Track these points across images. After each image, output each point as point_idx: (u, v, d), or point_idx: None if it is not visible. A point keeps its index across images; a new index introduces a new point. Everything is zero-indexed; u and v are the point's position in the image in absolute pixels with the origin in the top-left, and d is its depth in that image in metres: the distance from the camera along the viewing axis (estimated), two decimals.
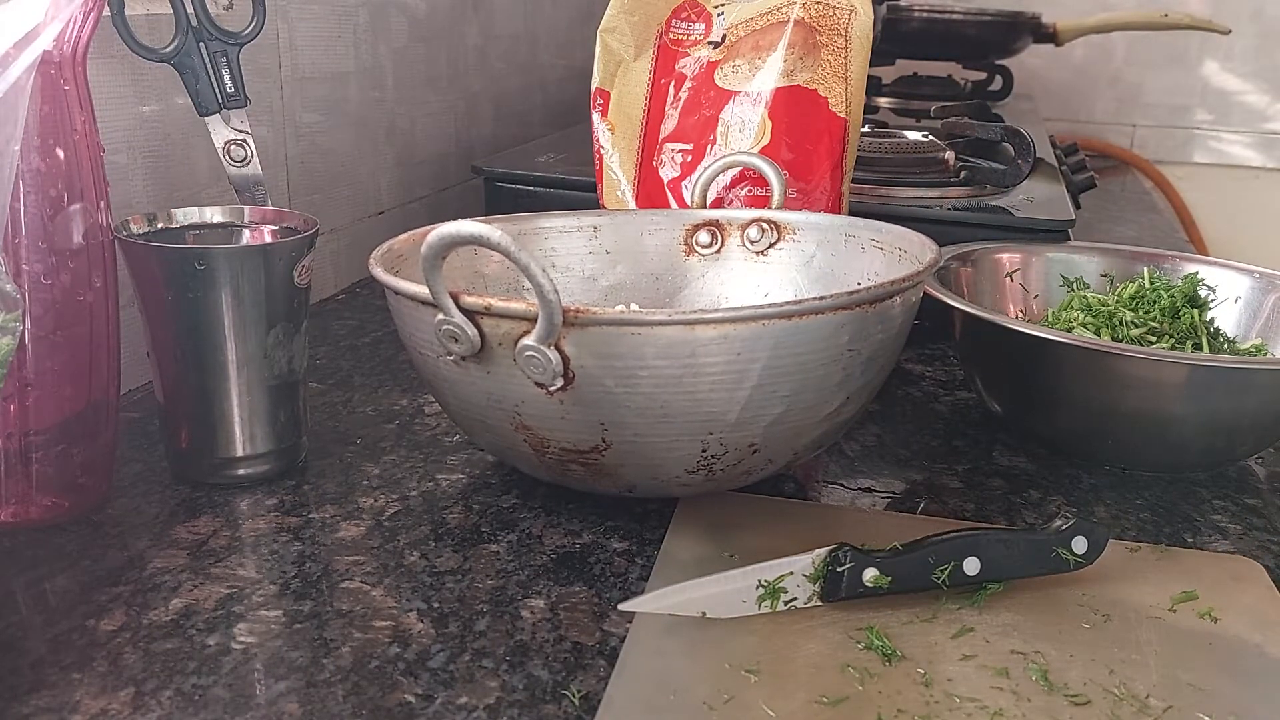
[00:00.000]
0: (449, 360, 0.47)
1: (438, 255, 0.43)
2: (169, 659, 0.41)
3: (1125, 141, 1.71)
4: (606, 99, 0.74)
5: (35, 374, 0.47)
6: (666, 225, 0.66)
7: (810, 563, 0.44)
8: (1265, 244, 1.64)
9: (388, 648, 0.42)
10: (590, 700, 0.39)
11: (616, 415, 0.46)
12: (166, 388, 0.53)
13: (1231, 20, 1.50)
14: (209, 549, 0.49)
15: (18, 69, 0.42)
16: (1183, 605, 0.45)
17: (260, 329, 0.52)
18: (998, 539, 0.45)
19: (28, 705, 0.38)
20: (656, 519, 0.52)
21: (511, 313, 0.44)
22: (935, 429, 0.65)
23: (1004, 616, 0.44)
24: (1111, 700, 0.39)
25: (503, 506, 0.53)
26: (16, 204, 0.45)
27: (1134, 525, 0.53)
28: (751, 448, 0.48)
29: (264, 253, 0.52)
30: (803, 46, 0.68)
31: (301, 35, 0.80)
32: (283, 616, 0.44)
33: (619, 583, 0.47)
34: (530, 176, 0.89)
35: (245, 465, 0.54)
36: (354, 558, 0.48)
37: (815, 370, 0.46)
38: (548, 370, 0.44)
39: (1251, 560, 0.50)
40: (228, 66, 0.59)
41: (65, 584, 0.46)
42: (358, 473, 0.57)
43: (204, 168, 0.70)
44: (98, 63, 0.60)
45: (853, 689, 0.39)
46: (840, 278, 0.61)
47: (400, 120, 0.96)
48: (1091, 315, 0.62)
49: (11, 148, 0.41)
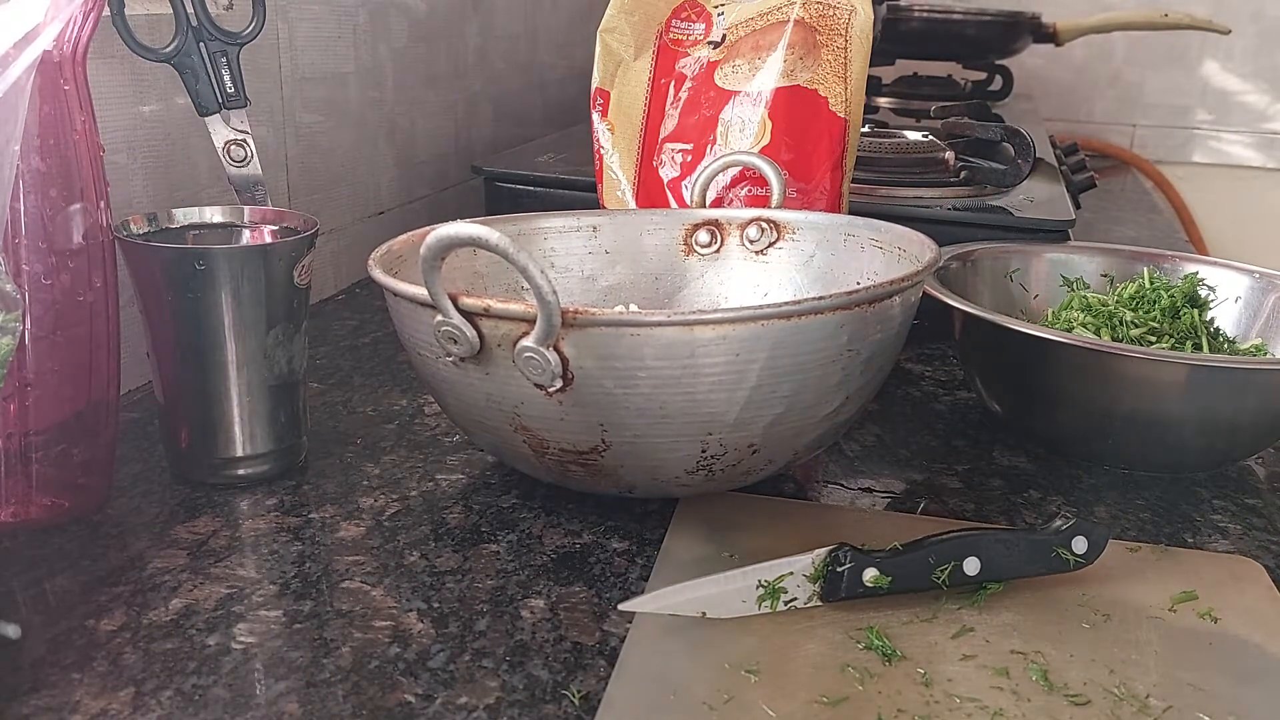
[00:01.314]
0: (448, 361, 0.47)
1: (436, 256, 0.43)
2: (169, 659, 0.41)
3: (1125, 141, 1.71)
4: (606, 99, 0.74)
5: (35, 374, 0.47)
6: (666, 225, 0.66)
7: (810, 563, 0.44)
8: (1266, 244, 1.64)
9: (388, 648, 0.42)
10: (590, 700, 0.39)
11: (616, 416, 0.46)
12: (166, 388, 0.53)
13: (1231, 20, 1.50)
14: (209, 549, 0.49)
15: (18, 69, 0.42)
16: (1183, 605, 0.45)
17: (260, 329, 0.52)
18: (998, 539, 0.45)
19: (28, 705, 0.38)
20: (656, 519, 0.52)
21: (510, 314, 0.44)
22: (935, 429, 0.65)
23: (1004, 616, 0.44)
24: (1111, 700, 0.39)
25: (503, 506, 0.53)
26: (16, 204, 0.45)
27: (1134, 525, 0.53)
28: (751, 448, 0.48)
29: (264, 253, 0.52)
30: (803, 46, 0.68)
31: (301, 35, 0.80)
32: (283, 616, 0.44)
33: (619, 583, 0.47)
34: (530, 176, 0.89)
35: (245, 465, 0.54)
36: (354, 558, 0.48)
37: (814, 370, 0.46)
38: (547, 371, 0.44)
39: (1251, 560, 0.50)
40: (228, 66, 0.59)
41: (65, 584, 0.46)
42: (358, 473, 0.57)
43: (204, 168, 0.70)
44: (98, 63, 0.60)
45: (853, 689, 0.39)
46: (840, 277, 0.61)
47: (400, 120, 0.96)
48: (1091, 315, 0.62)
49: (11, 148, 0.41)
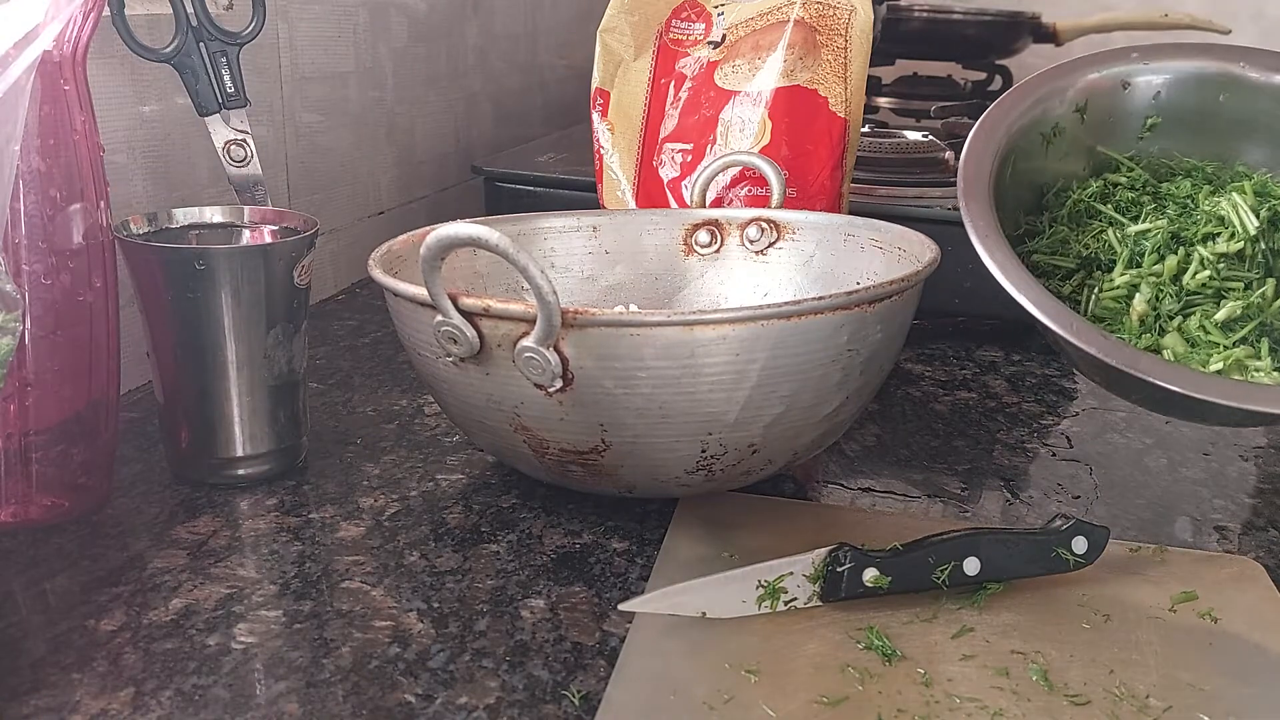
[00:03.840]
0: (448, 361, 0.47)
1: (436, 256, 0.43)
2: (169, 659, 0.41)
3: None
4: (606, 99, 0.74)
5: (35, 374, 0.47)
6: (666, 225, 0.66)
7: (810, 563, 0.44)
8: None
9: (388, 648, 0.42)
10: (590, 700, 0.39)
11: (616, 416, 0.46)
12: (166, 388, 0.53)
13: (1231, 20, 1.50)
14: (209, 549, 0.49)
15: (18, 69, 0.42)
16: (1183, 605, 0.45)
17: (260, 329, 0.52)
18: (998, 539, 0.45)
19: (28, 705, 0.38)
20: (656, 519, 0.52)
21: (510, 314, 0.44)
22: (935, 429, 0.65)
23: (1004, 616, 0.44)
24: (1111, 700, 0.39)
25: (503, 506, 0.53)
26: (16, 204, 0.45)
27: (1134, 525, 0.53)
28: (751, 448, 0.48)
29: (264, 253, 0.52)
30: (803, 46, 0.68)
31: (301, 35, 0.80)
32: (283, 616, 0.44)
33: (619, 583, 0.47)
34: (530, 176, 0.89)
35: (245, 465, 0.54)
36: (354, 558, 0.48)
37: (814, 370, 0.46)
38: (547, 371, 0.44)
39: (1251, 560, 0.50)
40: (228, 66, 0.59)
41: (65, 584, 0.46)
42: (358, 473, 0.57)
43: (204, 168, 0.70)
44: (98, 63, 0.60)
45: (853, 689, 0.39)
46: (840, 277, 0.61)
47: (400, 120, 0.96)
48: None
49: (11, 148, 0.41)
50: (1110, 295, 0.54)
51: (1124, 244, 0.55)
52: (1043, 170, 0.59)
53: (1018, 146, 0.57)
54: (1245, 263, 0.52)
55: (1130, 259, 0.54)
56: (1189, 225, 0.54)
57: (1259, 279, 0.52)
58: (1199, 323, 0.51)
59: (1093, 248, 0.55)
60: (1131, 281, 0.53)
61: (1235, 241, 0.52)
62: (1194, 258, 0.53)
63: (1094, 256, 0.55)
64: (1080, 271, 0.55)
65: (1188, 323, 0.52)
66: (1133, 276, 0.53)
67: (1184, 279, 0.52)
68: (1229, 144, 0.59)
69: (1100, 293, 0.54)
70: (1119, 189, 0.58)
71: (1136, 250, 0.54)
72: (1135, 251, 0.54)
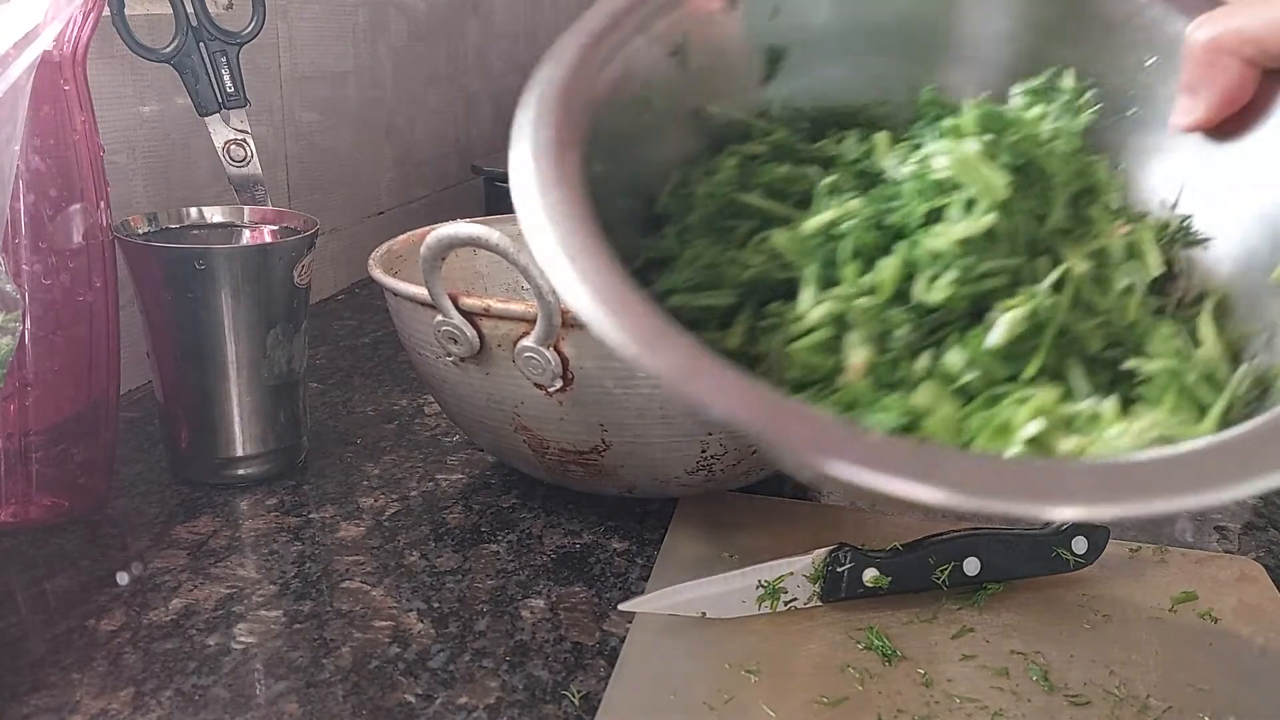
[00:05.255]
0: (448, 361, 0.47)
1: (437, 256, 0.43)
2: (169, 659, 0.41)
3: None
4: None
5: (35, 374, 0.47)
6: None
7: (810, 563, 0.44)
8: None
9: (388, 648, 0.42)
10: (590, 700, 0.39)
11: (616, 416, 0.46)
12: (166, 388, 0.53)
13: None
14: (209, 549, 0.49)
15: (18, 69, 0.42)
16: (1183, 605, 0.45)
17: (260, 329, 0.52)
18: (998, 539, 0.45)
19: (28, 705, 0.38)
20: (656, 519, 0.52)
21: (510, 314, 0.44)
22: None
23: (1004, 616, 0.44)
24: (1111, 700, 0.39)
25: (503, 506, 0.53)
26: (16, 204, 0.45)
27: (1134, 525, 0.53)
28: (751, 448, 0.48)
29: (264, 253, 0.52)
30: None
31: (301, 35, 0.80)
32: (283, 616, 0.44)
33: (619, 583, 0.47)
34: None
35: (245, 465, 0.54)
36: (354, 558, 0.48)
37: None
38: (547, 371, 0.44)
39: (1251, 560, 0.50)
40: (227, 66, 0.59)
41: (65, 584, 0.46)
42: (358, 473, 0.57)
43: (204, 168, 0.70)
44: (98, 63, 0.60)
45: (853, 689, 0.39)
46: None
47: (400, 120, 0.96)
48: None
49: (11, 148, 0.41)
50: (806, 343, 0.32)
51: (804, 253, 0.34)
52: (646, 159, 0.36)
53: (604, 128, 0.34)
54: (998, 243, 0.32)
55: (820, 275, 0.33)
56: (897, 202, 0.33)
57: (1026, 265, 0.33)
58: (969, 357, 0.31)
59: (756, 265, 0.34)
60: (832, 312, 0.32)
61: (979, 215, 0.32)
62: (920, 254, 0.32)
63: (762, 280, 0.34)
64: (746, 308, 0.34)
65: (943, 363, 0.31)
66: (833, 304, 0.32)
67: (915, 291, 0.32)
68: (900, 68, 0.39)
69: (789, 340, 0.32)
70: (763, 165, 0.36)
71: (826, 260, 0.33)
72: (825, 262, 0.33)
